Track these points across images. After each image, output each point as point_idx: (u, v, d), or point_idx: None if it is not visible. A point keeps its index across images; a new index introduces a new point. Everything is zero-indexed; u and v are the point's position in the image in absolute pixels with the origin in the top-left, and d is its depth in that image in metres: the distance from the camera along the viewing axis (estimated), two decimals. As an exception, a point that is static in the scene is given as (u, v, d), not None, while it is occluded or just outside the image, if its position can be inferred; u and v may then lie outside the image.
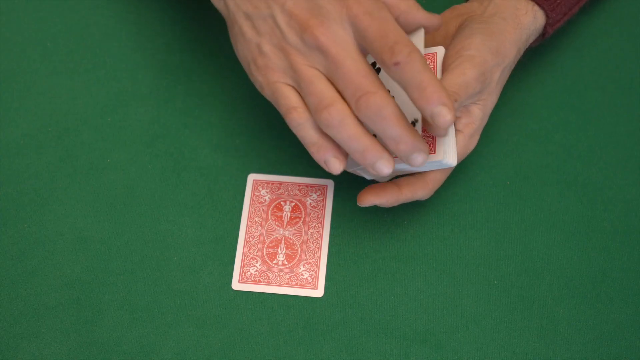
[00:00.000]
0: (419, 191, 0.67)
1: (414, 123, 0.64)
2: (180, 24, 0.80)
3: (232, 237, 0.72)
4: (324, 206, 0.73)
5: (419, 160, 0.61)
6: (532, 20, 0.70)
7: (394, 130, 0.59)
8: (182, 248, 0.72)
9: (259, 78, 0.64)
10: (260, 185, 0.74)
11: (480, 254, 0.71)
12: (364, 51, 0.62)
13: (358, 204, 0.66)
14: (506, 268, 0.71)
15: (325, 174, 0.74)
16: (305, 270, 0.70)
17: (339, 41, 0.60)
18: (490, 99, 0.68)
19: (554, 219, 0.73)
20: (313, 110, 0.61)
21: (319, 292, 0.70)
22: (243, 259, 0.71)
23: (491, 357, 0.68)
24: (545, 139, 0.76)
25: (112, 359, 0.68)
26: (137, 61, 0.79)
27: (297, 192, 0.73)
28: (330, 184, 0.74)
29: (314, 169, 0.74)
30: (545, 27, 0.72)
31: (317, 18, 0.60)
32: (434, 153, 0.64)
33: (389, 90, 0.61)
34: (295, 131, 0.63)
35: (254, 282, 0.70)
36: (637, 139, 0.75)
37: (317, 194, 0.73)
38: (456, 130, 0.67)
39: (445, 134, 0.62)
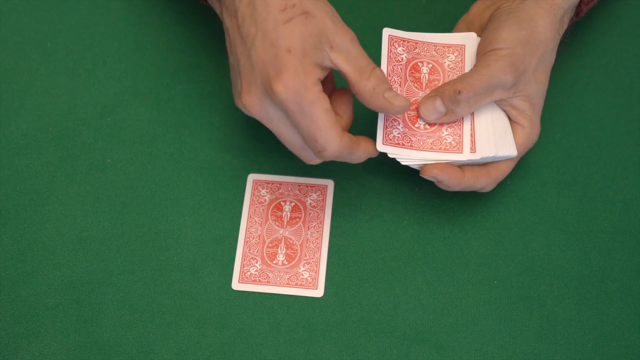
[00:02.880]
0: (482, 178, 0.67)
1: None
2: (180, 24, 0.80)
3: (232, 237, 0.72)
4: (324, 206, 0.73)
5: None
6: None
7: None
8: (182, 248, 0.72)
9: None
10: (260, 185, 0.74)
11: (480, 254, 0.71)
12: None
13: (420, 175, 0.66)
14: (506, 268, 0.71)
15: (325, 174, 0.74)
16: (305, 270, 0.70)
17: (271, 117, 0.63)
18: (530, 87, 0.67)
19: (554, 219, 0.73)
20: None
21: (319, 292, 0.70)
22: (243, 259, 0.71)
23: (491, 357, 0.68)
24: (545, 139, 0.75)
25: (112, 359, 0.68)
26: (137, 61, 0.79)
27: (297, 192, 0.73)
28: (330, 184, 0.73)
29: (314, 169, 0.74)
30: (579, 5, 0.70)
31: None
32: (475, 152, 0.65)
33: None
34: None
35: (254, 282, 0.70)
36: (637, 139, 0.75)
37: (317, 194, 0.73)
38: (511, 122, 0.67)
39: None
